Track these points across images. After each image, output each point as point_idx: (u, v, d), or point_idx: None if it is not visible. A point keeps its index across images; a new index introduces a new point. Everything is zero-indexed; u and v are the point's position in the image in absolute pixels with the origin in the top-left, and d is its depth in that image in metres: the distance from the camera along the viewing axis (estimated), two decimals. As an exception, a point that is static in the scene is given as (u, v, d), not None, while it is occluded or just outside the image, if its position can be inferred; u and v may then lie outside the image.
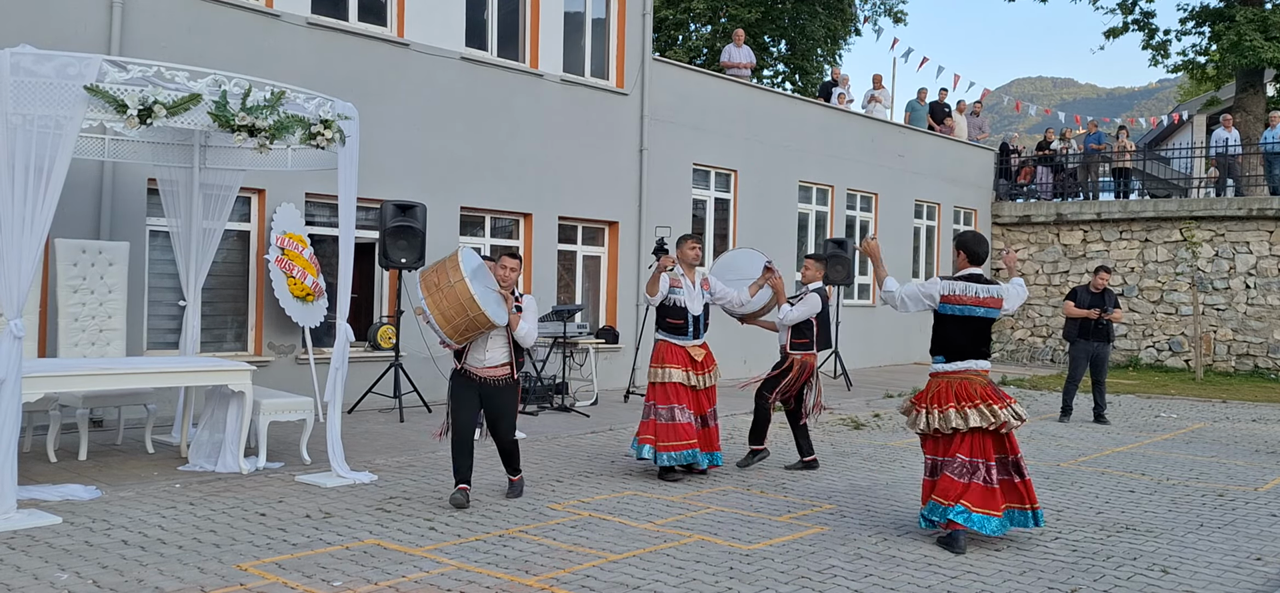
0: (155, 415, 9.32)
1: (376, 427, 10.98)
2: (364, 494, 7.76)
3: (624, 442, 10.58)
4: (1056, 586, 5.97)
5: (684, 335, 8.81)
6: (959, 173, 23.31)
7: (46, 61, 6.58)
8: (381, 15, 12.89)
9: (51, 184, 6.63)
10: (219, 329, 11.57)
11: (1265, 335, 20.89)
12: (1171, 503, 8.37)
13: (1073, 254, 23.04)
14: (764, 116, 18.33)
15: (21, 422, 6.85)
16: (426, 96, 13.14)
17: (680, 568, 6.03)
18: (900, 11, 35.00)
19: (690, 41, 32.27)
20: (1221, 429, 12.96)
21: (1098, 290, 13.22)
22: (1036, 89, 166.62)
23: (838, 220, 19.94)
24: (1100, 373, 13.27)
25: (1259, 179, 22.30)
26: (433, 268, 7.44)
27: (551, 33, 14.74)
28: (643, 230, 15.89)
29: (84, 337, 9.18)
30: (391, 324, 12.39)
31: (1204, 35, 27.92)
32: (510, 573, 5.83)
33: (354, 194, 8.38)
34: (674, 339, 8.80)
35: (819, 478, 8.98)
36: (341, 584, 5.55)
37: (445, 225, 13.31)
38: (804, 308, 9.28)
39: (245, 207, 11.63)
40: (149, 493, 7.51)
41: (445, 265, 7.34)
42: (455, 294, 7.21)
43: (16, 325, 6.62)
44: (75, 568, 5.68)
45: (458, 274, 7.22)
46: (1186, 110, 32.39)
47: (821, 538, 6.88)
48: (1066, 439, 11.70)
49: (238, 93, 7.29)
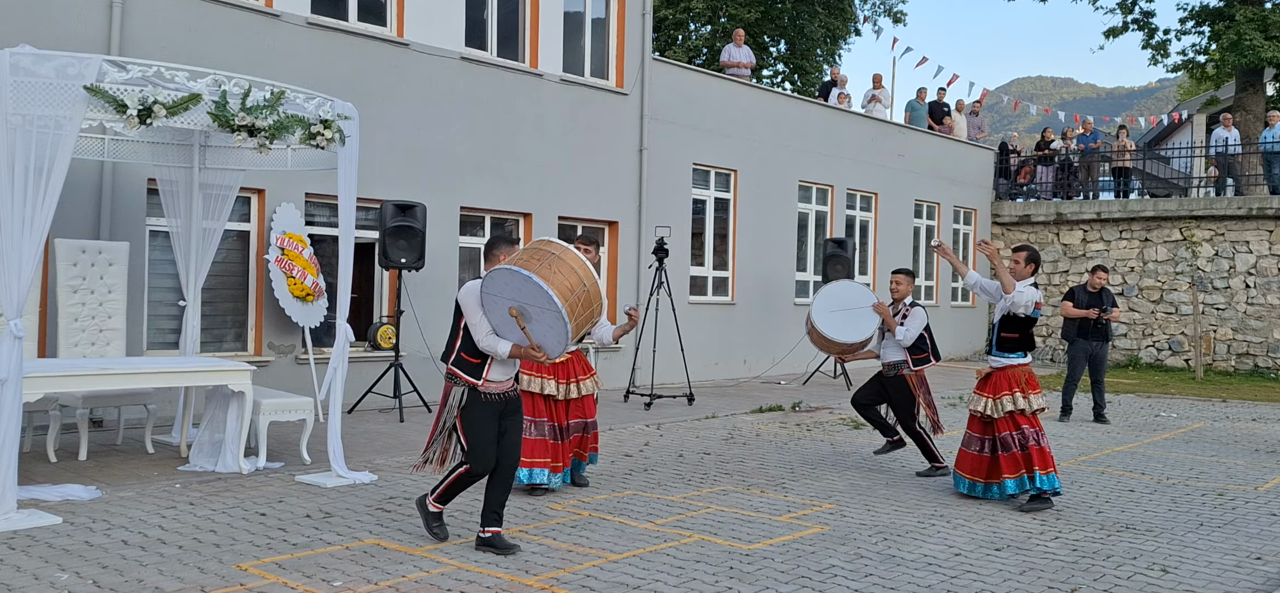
0: (155, 416, 9.32)
1: (376, 427, 10.98)
2: (364, 494, 7.76)
3: (624, 442, 10.58)
4: (1056, 585, 5.97)
5: None
6: (959, 173, 23.30)
7: (46, 62, 6.58)
8: (381, 15, 12.89)
9: (51, 184, 6.62)
10: (219, 329, 11.57)
11: (1265, 335, 20.89)
12: (1171, 503, 8.37)
13: (1072, 254, 23.04)
14: (764, 116, 18.33)
15: (21, 422, 6.85)
16: (426, 96, 13.14)
17: (680, 568, 6.03)
18: (900, 11, 35.03)
19: (690, 41, 32.27)
20: (1221, 429, 12.96)
21: (1095, 290, 13.22)
22: (1036, 89, 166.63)
23: (837, 220, 19.94)
24: (1099, 372, 13.27)
25: (1259, 178, 22.30)
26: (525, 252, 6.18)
27: (551, 33, 14.74)
28: (642, 230, 15.90)
29: (84, 337, 9.18)
30: (391, 324, 12.39)
31: (1204, 35, 27.95)
32: (510, 573, 5.82)
33: (354, 194, 8.38)
34: None
35: (819, 478, 8.98)
36: (341, 584, 5.55)
37: (445, 225, 13.31)
38: (915, 323, 9.21)
39: (245, 207, 11.63)
40: (149, 493, 7.51)
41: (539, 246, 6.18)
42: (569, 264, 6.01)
43: (16, 325, 6.62)
44: (75, 568, 5.67)
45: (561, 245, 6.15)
46: (1186, 110, 32.39)
47: (821, 538, 6.88)
48: (1066, 439, 11.70)
49: (237, 93, 7.28)
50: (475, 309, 6.15)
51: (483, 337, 6.14)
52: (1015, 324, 8.00)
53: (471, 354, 6.20)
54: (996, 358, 8.05)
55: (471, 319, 6.17)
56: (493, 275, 6.02)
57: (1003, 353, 8.02)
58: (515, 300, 5.95)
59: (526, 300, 5.95)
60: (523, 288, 5.91)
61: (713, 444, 10.58)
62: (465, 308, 6.18)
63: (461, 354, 6.24)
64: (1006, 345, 8.02)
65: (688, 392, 14.09)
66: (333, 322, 9.41)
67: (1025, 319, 7.99)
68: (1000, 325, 8.06)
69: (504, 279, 5.96)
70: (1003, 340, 8.03)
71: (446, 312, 13.55)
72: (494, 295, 6.04)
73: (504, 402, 6.30)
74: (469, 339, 6.20)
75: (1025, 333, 8.03)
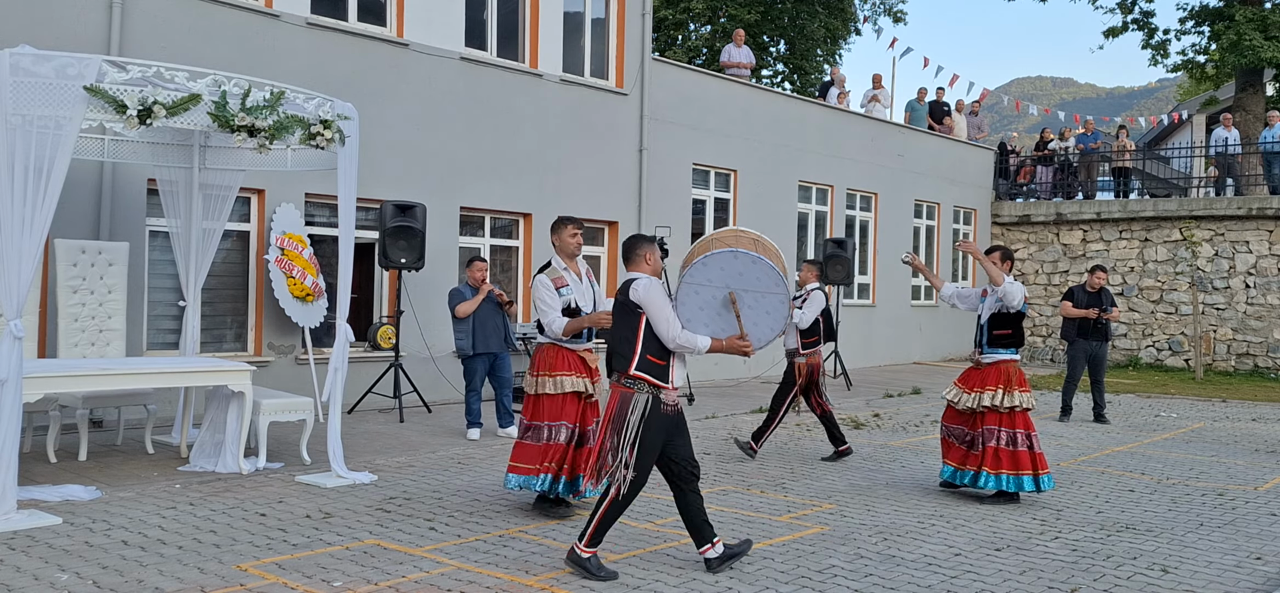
0: (155, 416, 9.32)
1: (376, 427, 10.98)
2: (364, 494, 7.76)
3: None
4: (1056, 585, 5.97)
5: (579, 338, 7.29)
6: (958, 173, 23.31)
7: (46, 62, 6.58)
8: (381, 15, 12.89)
9: (51, 184, 6.63)
10: (219, 329, 11.57)
11: (1265, 335, 20.89)
12: (1171, 503, 8.37)
13: (1072, 254, 23.04)
14: (764, 116, 18.33)
15: (21, 422, 6.85)
16: (426, 96, 13.14)
17: (680, 568, 6.03)
18: (900, 11, 35.01)
19: (690, 41, 32.26)
20: (1221, 429, 12.96)
21: (1094, 290, 13.22)
22: (1036, 89, 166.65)
23: (837, 220, 19.94)
24: (1099, 372, 13.28)
25: (1258, 178, 22.30)
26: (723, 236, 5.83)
27: (551, 33, 14.74)
28: (642, 230, 15.89)
29: (84, 337, 9.18)
30: (391, 324, 12.39)
31: (1203, 35, 27.94)
32: (510, 573, 5.82)
33: (354, 194, 8.38)
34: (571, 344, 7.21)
35: (819, 478, 8.98)
36: (341, 584, 5.55)
37: (445, 225, 13.31)
38: (812, 308, 9.67)
39: (245, 207, 11.63)
40: (149, 494, 7.51)
41: (733, 232, 5.92)
42: (772, 247, 5.83)
43: (16, 326, 6.62)
44: (75, 569, 5.67)
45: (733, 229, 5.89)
46: (1186, 110, 32.39)
47: (821, 538, 6.88)
48: (1066, 439, 11.70)
49: (237, 93, 7.28)
50: (666, 303, 5.70)
51: (677, 332, 5.68)
52: (1006, 320, 8.08)
53: (658, 355, 5.71)
54: (989, 354, 8.09)
55: (661, 314, 5.67)
56: (705, 262, 5.67)
57: (995, 349, 8.08)
58: (733, 286, 5.63)
59: (746, 285, 5.64)
60: (746, 271, 5.60)
61: (713, 444, 10.58)
62: (651, 304, 5.68)
63: (647, 357, 5.70)
64: (999, 342, 8.08)
65: (688, 392, 14.09)
66: (332, 322, 9.41)
67: (1016, 315, 8.07)
68: (991, 324, 8.10)
69: (719, 264, 5.64)
70: (995, 338, 8.09)
71: (446, 312, 13.59)
72: (700, 285, 5.68)
73: (677, 415, 5.81)
74: (653, 339, 5.71)
75: (1017, 328, 8.10)
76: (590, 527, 5.72)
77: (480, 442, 10.29)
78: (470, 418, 10.51)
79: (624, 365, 5.72)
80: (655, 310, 5.68)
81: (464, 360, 10.53)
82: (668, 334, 5.68)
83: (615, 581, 5.72)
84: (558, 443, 7.02)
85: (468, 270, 10.63)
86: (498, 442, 10.29)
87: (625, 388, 5.72)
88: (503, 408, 10.65)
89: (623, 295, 5.83)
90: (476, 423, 10.52)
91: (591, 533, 5.71)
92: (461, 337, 10.35)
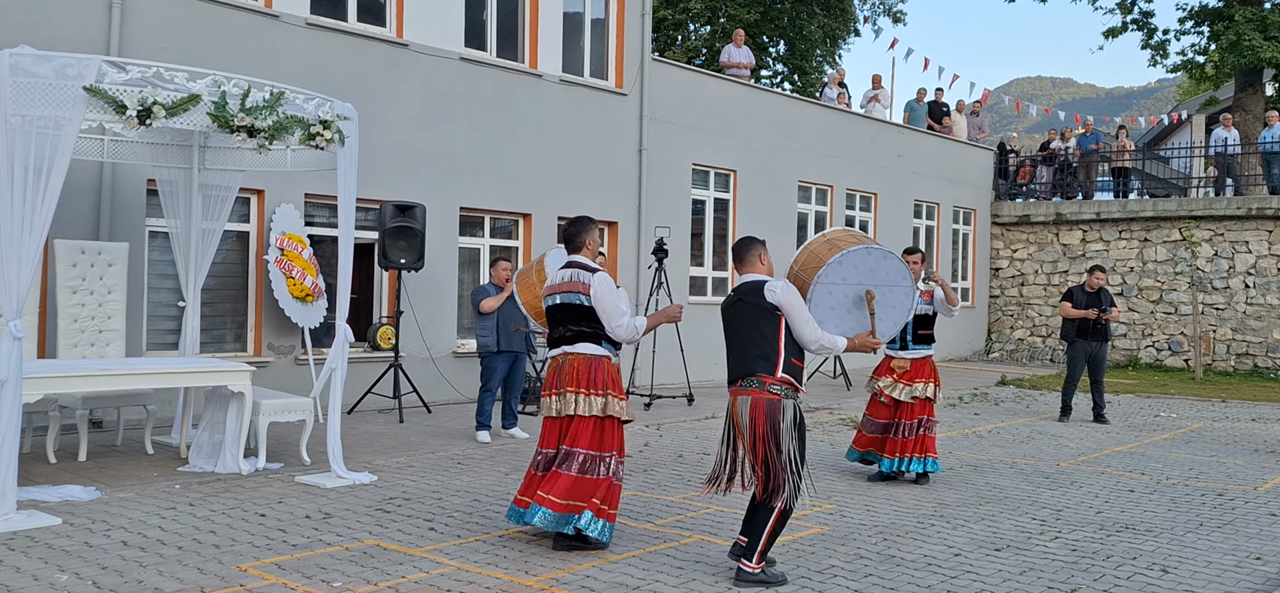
0: (155, 416, 9.32)
1: (376, 427, 10.97)
2: (364, 495, 7.76)
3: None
4: (1056, 586, 5.97)
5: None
6: (958, 173, 23.31)
7: (45, 62, 6.58)
8: (381, 15, 12.89)
9: (51, 185, 6.63)
10: (219, 330, 11.56)
11: (1264, 335, 20.89)
12: (1171, 503, 8.37)
13: (1072, 254, 23.04)
14: (763, 116, 18.33)
15: (21, 422, 6.85)
16: (426, 96, 13.14)
17: (680, 568, 6.03)
18: (900, 11, 35.01)
19: (689, 41, 32.27)
20: (1221, 429, 12.96)
21: (1093, 290, 13.23)
22: (1036, 89, 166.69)
23: (837, 221, 19.93)
24: (1098, 372, 13.28)
25: (1258, 179, 22.30)
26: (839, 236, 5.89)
27: (551, 33, 14.74)
28: (642, 231, 15.90)
29: (83, 337, 9.18)
30: (391, 325, 12.39)
31: (1203, 35, 27.95)
32: (510, 573, 5.82)
33: (353, 194, 8.38)
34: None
35: (819, 478, 8.98)
36: (341, 585, 5.55)
37: (445, 226, 13.31)
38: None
39: (245, 207, 11.63)
40: (149, 494, 7.51)
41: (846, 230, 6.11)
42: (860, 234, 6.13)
43: (16, 326, 6.62)
44: (75, 569, 5.67)
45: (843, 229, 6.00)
46: (1186, 110, 32.41)
47: (821, 538, 6.88)
48: (1066, 439, 11.70)
49: (237, 93, 7.28)
50: (804, 304, 5.60)
51: (820, 333, 5.62)
52: (928, 322, 9.04)
53: (798, 358, 5.58)
54: (914, 349, 8.89)
55: (803, 315, 5.57)
56: (843, 260, 5.64)
57: (919, 346, 8.92)
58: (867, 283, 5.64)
59: (877, 280, 5.68)
60: (878, 267, 5.64)
61: (713, 445, 10.57)
62: (792, 306, 5.55)
63: (791, 360, 5.56)
64: (923, 339, 8.96)
65: (687, 392, 14.09)
66: (332, 322, 9.41)
67: (933, 316, 9.06)
68: (917, 323, 8.88)
69: (854, 262, 5.65)
70: (920, 336, 8.95)
71: (445, 312, 13.57)
72: (834, 284, 5.65)
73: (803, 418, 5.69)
74: (793, 342, 5.57)
75: (932, 327, 9.11)
76: (762, 544, 5.63)
77: (480, 442, 10.28)
78: (481, 420, 10.30)
79: (768, 370, 5.54)
80: (797, 312, 5.57)
81: (484, 358, 10.31)
82: (810, 336, 5.60)
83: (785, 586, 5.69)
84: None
85: (493, 270, 10.52)
86: (498, 442, 10.28)
87: (771, 395, 5.55)
88: (509, 409, 10.62)
89: (754, 298, 5.61)
90: (487, 426, 10.31)
91: (763, 548, 5.64)
92: (485, 333, 10.22)
